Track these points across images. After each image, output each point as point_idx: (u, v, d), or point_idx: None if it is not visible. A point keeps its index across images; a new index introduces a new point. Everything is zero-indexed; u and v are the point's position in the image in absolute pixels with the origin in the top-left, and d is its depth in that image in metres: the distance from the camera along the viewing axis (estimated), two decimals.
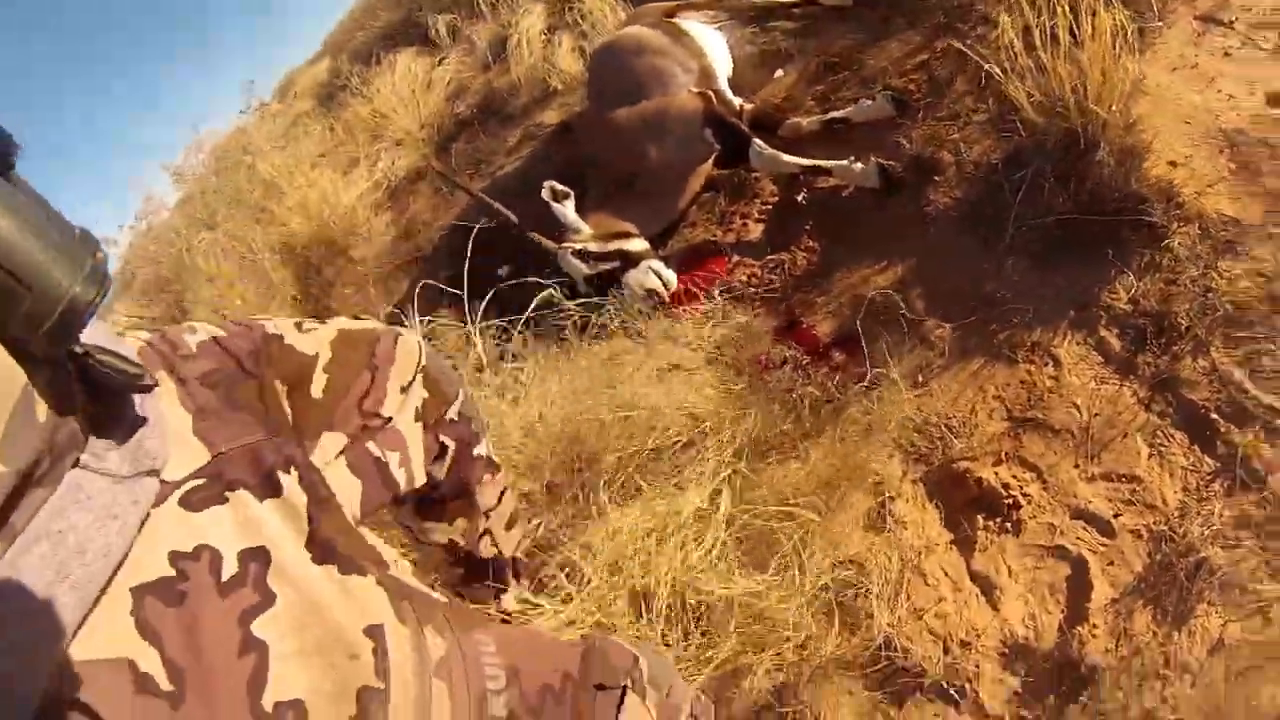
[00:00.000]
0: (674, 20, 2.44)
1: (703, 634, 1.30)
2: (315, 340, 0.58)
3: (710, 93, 2.15)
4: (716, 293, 1.90)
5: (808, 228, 1.91)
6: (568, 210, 2.15)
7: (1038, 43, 1.57)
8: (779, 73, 2.40)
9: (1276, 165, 1.58)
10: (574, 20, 3.11)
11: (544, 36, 3.25)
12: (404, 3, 4.66)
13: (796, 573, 1.29)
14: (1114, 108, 1.56)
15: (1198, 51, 1.81)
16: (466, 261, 2.07)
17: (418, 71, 3.97)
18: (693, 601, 1.30)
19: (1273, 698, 1.19)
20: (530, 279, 2.02)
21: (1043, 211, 1.64)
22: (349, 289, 2.97)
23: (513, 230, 2.20)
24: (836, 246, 1.85)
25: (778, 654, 1.27)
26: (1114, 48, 1.53)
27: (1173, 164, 1.59)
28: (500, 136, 3.10)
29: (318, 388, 0.56)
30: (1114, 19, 1.50)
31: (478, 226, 2.26)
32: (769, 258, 1.93)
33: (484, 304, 1.94)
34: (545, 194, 2.13)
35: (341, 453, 0.56)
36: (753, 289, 1.89)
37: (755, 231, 2.03)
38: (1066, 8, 1.53)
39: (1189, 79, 1.75)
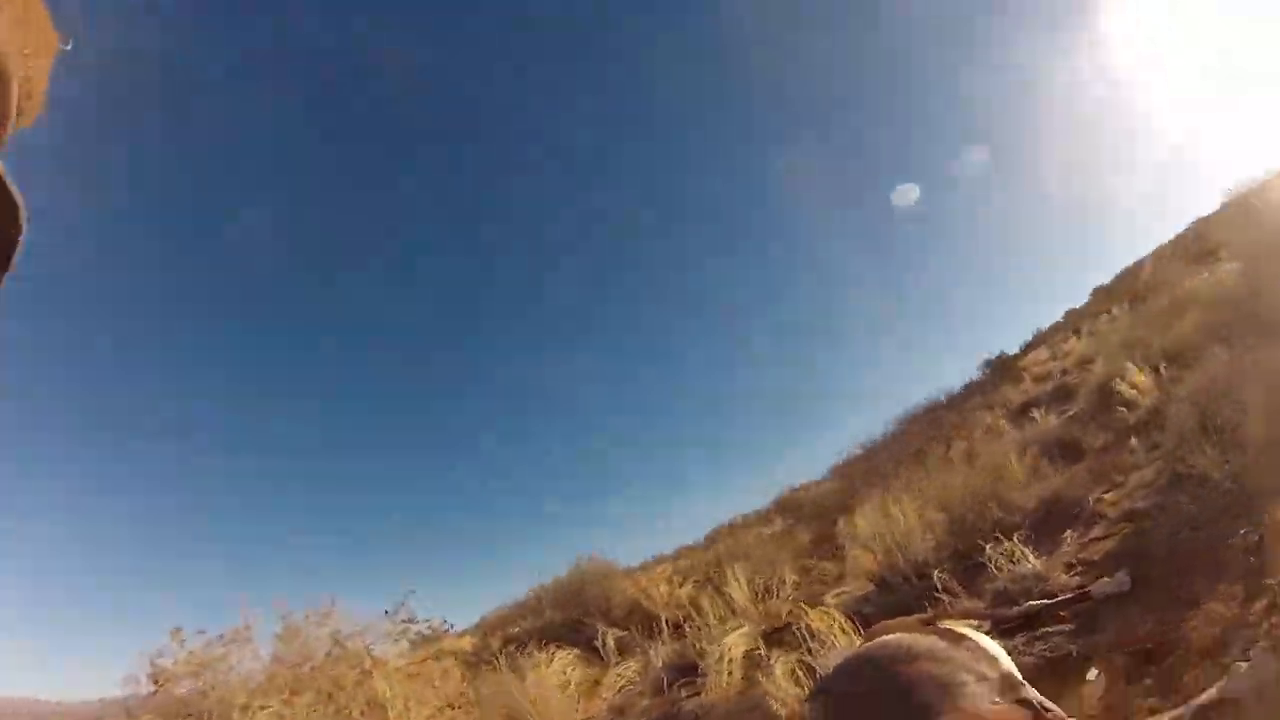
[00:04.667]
0: (944, 626, 2.03)
1: None
2: None
3: (1033, 701, 1.57)
4: None
5: None
6: None
7: None
8: (1092, 674, 1.87)
9: None
10: (794, 639, 2.80)
11: (749, 657, 2.90)
12: (572, 608, 4.69)
13: None
14: None
15: None
16: None
17: (573, 676, 3.60)
18: None
19: None
20: None
21: None
22: None
23: None
24: None
25: None
26: None
27: None
28: None
29: None
30: None
31: None
32: None
33: None
34: None
35: None
36: None
37: None
38: None
39: None
